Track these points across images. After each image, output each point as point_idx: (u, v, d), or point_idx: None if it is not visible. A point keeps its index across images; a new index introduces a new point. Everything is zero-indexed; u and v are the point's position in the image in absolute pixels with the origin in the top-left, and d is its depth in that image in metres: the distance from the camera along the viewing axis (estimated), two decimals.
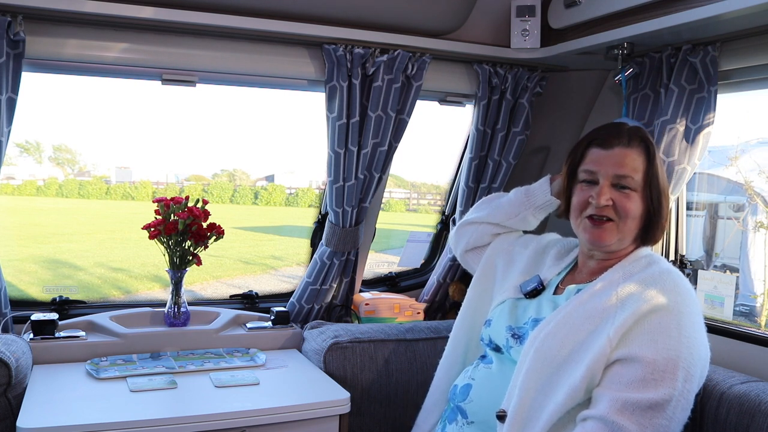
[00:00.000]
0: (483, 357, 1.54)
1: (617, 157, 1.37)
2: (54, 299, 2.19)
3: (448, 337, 1.76)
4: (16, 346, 1.72)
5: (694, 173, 1.97)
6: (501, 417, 1.30)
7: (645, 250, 1.42)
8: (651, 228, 1.40)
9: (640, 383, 1.19)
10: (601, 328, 1.26)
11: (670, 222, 2.16)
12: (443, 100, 2.38)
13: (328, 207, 2.24)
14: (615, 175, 1.37)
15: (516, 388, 1.30)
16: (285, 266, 7.86)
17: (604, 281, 1.36)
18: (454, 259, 2.49)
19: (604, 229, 1.38)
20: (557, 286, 1.50)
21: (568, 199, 1.47)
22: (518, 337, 1.42)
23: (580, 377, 1.23)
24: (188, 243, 2.05)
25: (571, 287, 1.44)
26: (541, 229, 1.76)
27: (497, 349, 1.47)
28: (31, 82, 1.90)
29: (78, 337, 1.97)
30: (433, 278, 2.54)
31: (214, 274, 6.98)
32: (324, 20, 1.97)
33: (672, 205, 2.03)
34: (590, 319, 1.29)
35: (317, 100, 2.14)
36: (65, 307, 2.18)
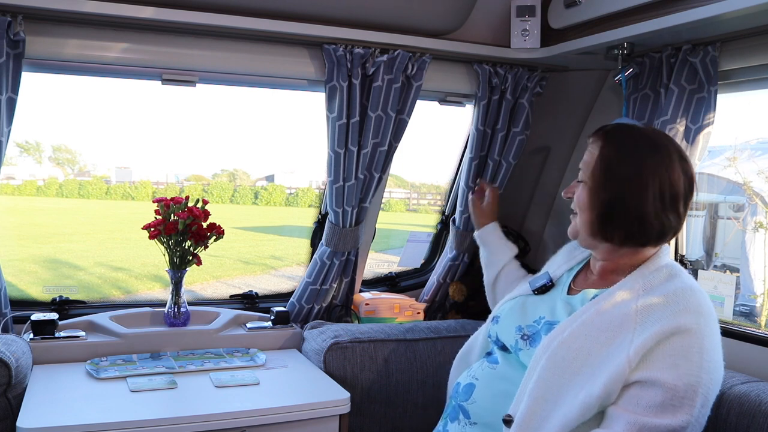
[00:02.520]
0: (488, 354, 1.53)
1: (587, 152, 1.41)
2: (54, 299, 2.19)
3: (448, 337, 1.76)
4: (16, 346, 1.72)
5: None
6: (507, 422, 1.29)
7: (665, 259, 1.35)
8: (607, 222, 1.33)
9: (659, 408, 1.16)
10: (618, 343, 1.22)
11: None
12: (443, 100, 2.38)
13: (328, 207, 2.24)
14: (578, 169, 1.42)
15: (525, 395, 1.27)
16: (285, 266, 7.86)
17: (622, 290, 1.31)
18: (454, 259, 2.49)
19: (571, 221, 1.43)
20: (570, 287, 1.48)
21: None
22: (528, 337, 1.39)
23: (597, 395, 1.19)
24: (188, 243, 2.06)
25: (588, 291, 1.40)
26: (541, 229, 1.77)
27: (504, 348, 1.46)
28: (31, 82, 1.90)
29: (78, 337, 1.97)
30: (433, 278, 2.54)
31: (214, 274, 6.98)
32: (324, 20, 1.97)
33: None
34: (607, 331, 1.25)
35: (317, 100, 2.14)
36: (65, 307, 2.18)
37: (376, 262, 2.76)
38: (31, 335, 1.94)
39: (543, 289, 1.49)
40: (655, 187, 1.30)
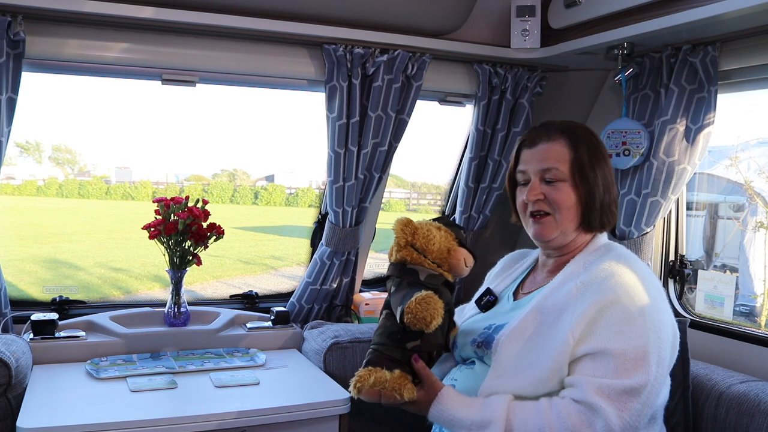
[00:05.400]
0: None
1: (541, 152, 1.40)
2: (54, 299, 2.19)
3: None
4: (16, 346, 1.72)
5: (694, 173, 1.97)
6: None
7: (602, 239, 1.42)
8: (590, 215, 1.38)
9: (614, 372, 1.19)
10: (563, 319, 1.27)
11: (669, 222, 2.16)
12: (443, 100, 2.38)
13: (328, 207, 2.24)
14: (540, 170, 1.39)
15: (486, 379, 1.32)
16: (285, 266, 7.86)
17: (564, 274, 1.37)
18: None
19: (542, 223, 1.40)
20: (517, 292, 1.50)
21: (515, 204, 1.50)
22: (483, 343, 1.40)
23: (546, 366, 1.24)
24: (188, 243, 2.05)
25: (536, 291, 1.43)
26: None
27: (473, 363, 1.47)
28: (31, 82, 1.90)
29: (78, 337, 1.97)
30: None
31: (214, 274, 6.98)
32: (324, 20, 1.97)
33: (672, 204, 2.03)
34: (551, 312, 1.30)
35: (317, 100, 2.14)
36: (65, 307, 2.18)
37: (376, 262, 2.75)
38: (31, 335, 1.94)
39: (488, 305, 1.52)
40: (612, 176, 1.42)
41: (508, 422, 1.22)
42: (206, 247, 2.09)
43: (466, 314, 1.58)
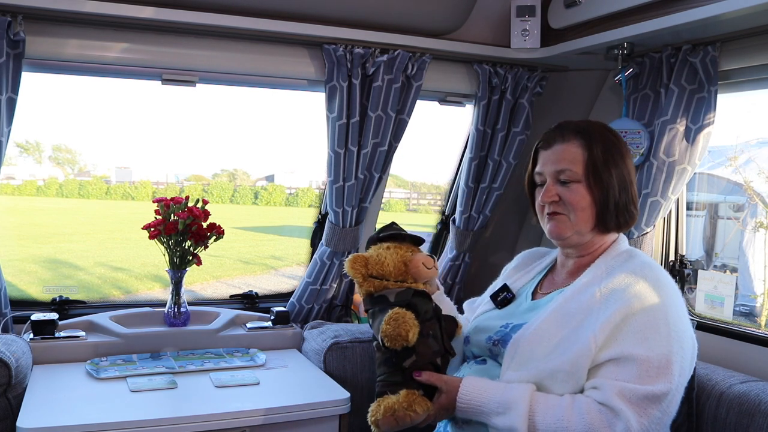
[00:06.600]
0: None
1: (555, 153, 1.40)
2: (54, 299, 2.19)
3: None
4: (16, 346, 1.72)
5: (694, 173, 1.97)
6: None
7: (624, 244, 1.42)
8: (605, 216, 1.38)
9: (637, 378, 1.19)
10: (586, 324, 1.26)
11: (669, 222, 2.16)
12: (443, 100, 2.38)
13: (328, 207, 2.24)
14: (554, 171, 1.39)
15: (503, 378, 1.31)
16: (285, 266, 7.86)
17: (587, 278, 1.36)
18: (454, 259, 2.49)
19: (557, 221, 1.40)
20: (535, 291, 1.49)
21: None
22: (499, 341, 1.40)
23: (563, 370, 1.23)
24: (188, 243, 2.05)
25: (555, 292, 1.42)
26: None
27: (483, 361, 1.47)
28: (31, 82, 1.90)
29: (78, 337, 1.97)
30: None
31: (214, 274, 6.98)
32: (324, 20, 1.97)
33: (672, 204, 2.03)
34: (574, 316, 1.29)
35: (317, 100, 2.14)
36: (65, 307, 2.18)
37: None
38: (31, 335, 1.94)
39: (505, 302, 1.51)
40: (631, 175, 1.41)
41: (531, 407, 1.22)
42: (206, 247, 2.09)
43: (480, 309, 1.57)
